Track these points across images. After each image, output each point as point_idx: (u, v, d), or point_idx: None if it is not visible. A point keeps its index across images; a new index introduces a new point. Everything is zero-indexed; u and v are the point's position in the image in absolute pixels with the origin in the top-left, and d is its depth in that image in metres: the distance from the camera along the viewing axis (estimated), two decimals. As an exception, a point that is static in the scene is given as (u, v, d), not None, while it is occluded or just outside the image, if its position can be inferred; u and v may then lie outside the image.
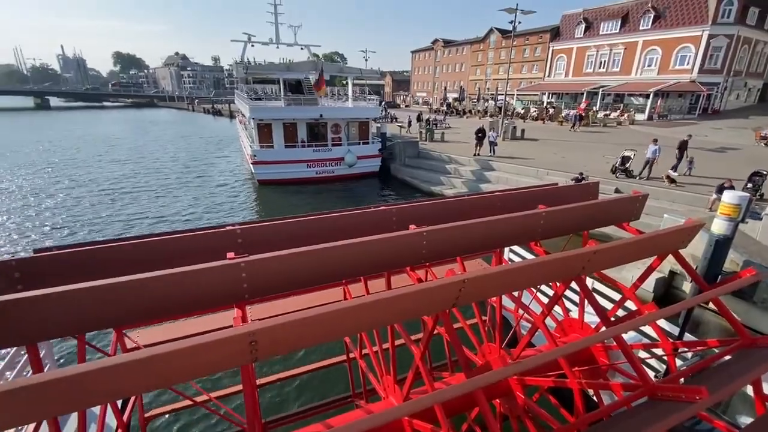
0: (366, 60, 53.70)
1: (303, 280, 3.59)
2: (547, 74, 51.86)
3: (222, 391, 6.00)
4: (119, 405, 4.66)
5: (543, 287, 6.97)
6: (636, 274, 5.11)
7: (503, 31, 55.40)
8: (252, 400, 2.95)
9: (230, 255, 3.31)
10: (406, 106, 71.30)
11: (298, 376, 6.68)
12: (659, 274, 9.15)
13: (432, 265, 5.54)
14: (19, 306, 2.61)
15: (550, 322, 5.52)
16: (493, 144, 22.10)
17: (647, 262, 4.86)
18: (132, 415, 4.88)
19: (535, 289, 5.99)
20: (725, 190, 8.68)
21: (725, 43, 35.69)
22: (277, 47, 34.83)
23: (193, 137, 47.92)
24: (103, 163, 30.55)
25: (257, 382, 5.67)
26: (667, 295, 9.42)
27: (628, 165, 16.54)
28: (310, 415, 6.38)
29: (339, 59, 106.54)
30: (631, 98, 41.12)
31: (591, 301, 4.17)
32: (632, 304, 5.10)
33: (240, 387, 5.15)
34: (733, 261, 7.83)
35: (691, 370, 4.25)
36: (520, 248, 7.87)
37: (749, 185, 12.81)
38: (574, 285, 4.44)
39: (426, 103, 71.28)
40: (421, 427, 3.78)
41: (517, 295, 5.38)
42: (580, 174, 15.08)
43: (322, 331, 2.91)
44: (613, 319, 4.86)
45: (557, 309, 5.75)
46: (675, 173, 15.38)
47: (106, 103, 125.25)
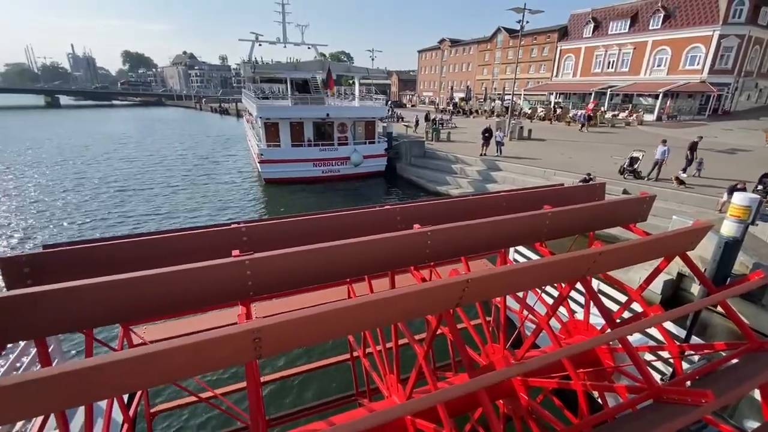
0: (372, 59, 53.79)
1: (307, 278, 3.61)
2: (554, 74, 51.42)
3: (227, 387, 6.05)
4: (125, 400, 4.72)
5: (548, 288, 6.93)
6: (643, 276, 5.06)
7: (511, 31, 55.09)
8: (256, 397, 2.96)
9: (235, 253, 3.33)
10: (413, 106, 71.11)
11: (302, 374, 6.70)
12: (667, 276, 9.06)
13: (436, 265, 5.53)
14: (29, 301, 2.65)
15: (554, 324, 5.49)
16: (500, 144, 21.97)
17: (654, 264, 4.82)
18: (138, 410, 4.94)
19: (540, 290, 5.96)
20: (737, 191, 8.56)
21: (736, 43, 35.16)
22: (285, 47, 35.00)
23: (201, 136, 48.26)
24: (112, 160, 30.91)
25: (261, 380, 5.70)
26: (676, 298, 9.32)
27: (636, 166, 16.37)
28: (313, 412, 6.41)
29: (345, 59, 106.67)
30: (640, 99, 40.62)
31: (596, 303, 4.15)
32: (638, 306, 5.06)
33: (244, 384, 5.19)
34: (743, 263, 7.74)
35: (697, 374, 4.19)
36: (526, 249, 7.85)
37: (759, 187, 12.61)
38: (580, 286, 4.41)
39: (432, 102, 71.01)
40: (424, 427, 3.77)
41: (521, 295, 5.36)
42: (588, 175, 14.95)
43: (326, 329, 2.92)
44: (618, 321, 4.82)
45: (562, 310, 5.71)
46: (684, 175, 15.19)
47: (115, 102, 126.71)
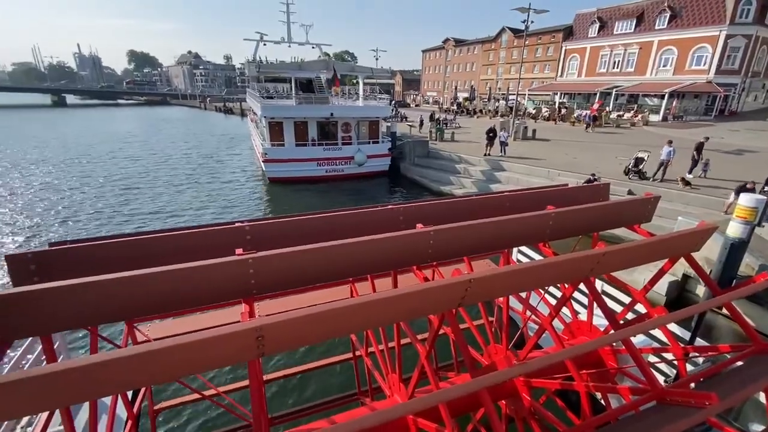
0: (377, 59, 53.70)
1: (310, 277, 3.62)
2: (559, 74, 51.17)
3: (230, 385, 6.09)
4: (129, 397, 4.76)
5: (551, 289, 6.90)
6: (647, 277, 5.03)
7: (515, 31, 54.89)
8: (258, 395, 2.97)
9: (239, 251, 3.34)
10: (416, 106, 71.00)
11: (304, 373, 6.73)
12: (672, 278, 8.99)
13: (439, 265, 5.54)
14: (35, 298, 2.68)
15: (557, 324, 5.46)
16: (504, 144, 21.90)
17: (659, 265, 4.78)
18: (142, 407, 4.98)
19: (543, 291, 5.94)
20: (745, 191, 8.47)
21: (743, 44, 34.85)
22: (289, 46, 35.06)
23: (205, 135, 48.45)
24: (117, 159, 31.10)
25: (264, 378, 5.73)
26: (681, 299, 9.25)
27: (641, 166, 16.27)
28: (315, 411, 6.42)
29: (349, 58, 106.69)
30: (646, 99, 40.36)
31: (600, 304, 4.13)
32: (642, 308, 5.03)
33: (247, 382, 5.22)
34: (749, 265, 7.66)
35: (701, 376, 4.16)
36: (529, 249, 7.82)
37: (766, 188, 12.51)
38: (583, 287, 4.39)
39: (436, 102, 70.92)
40: (426, 426, 3.77)
41: (524, 296, 5.34)
42: (593, 175, 14.89)
43: (329, 328, 2.93)
44: (622, 322, 4.80)
45: (565, 311, 5.68)
46: (690, 175, 15.10)
47: (121, 101, 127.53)
